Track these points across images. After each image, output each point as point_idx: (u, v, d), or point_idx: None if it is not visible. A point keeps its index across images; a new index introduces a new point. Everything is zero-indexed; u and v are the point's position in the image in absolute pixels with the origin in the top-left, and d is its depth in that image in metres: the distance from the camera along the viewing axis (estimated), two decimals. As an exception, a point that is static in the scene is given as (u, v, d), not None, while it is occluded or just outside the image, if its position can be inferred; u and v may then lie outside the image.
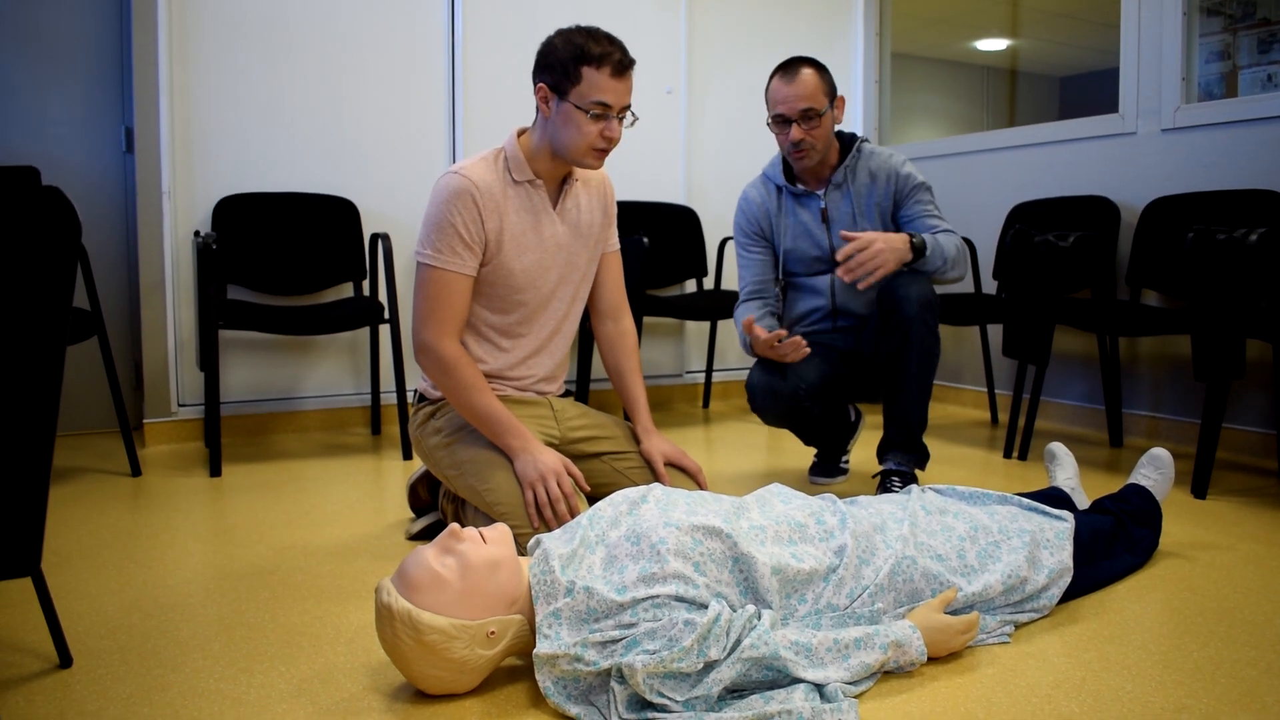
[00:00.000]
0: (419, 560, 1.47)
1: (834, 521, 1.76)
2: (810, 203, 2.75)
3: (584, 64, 2.08)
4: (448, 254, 2.13)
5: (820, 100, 2.61)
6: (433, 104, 3.95)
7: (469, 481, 2.16)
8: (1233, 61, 3.50)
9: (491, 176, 2.18)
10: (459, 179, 2.14)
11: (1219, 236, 2.65)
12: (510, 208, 2.19)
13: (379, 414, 3.79)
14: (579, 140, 2.13)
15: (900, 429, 2.56)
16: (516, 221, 2.20)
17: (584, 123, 2.11)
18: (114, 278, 3.69)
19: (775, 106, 2.67)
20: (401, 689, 1.54)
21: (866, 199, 2.71)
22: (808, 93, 2.61)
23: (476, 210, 2.14)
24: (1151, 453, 2.26)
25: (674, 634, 1.43)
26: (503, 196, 2.18)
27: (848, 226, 2.71)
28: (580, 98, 2.09)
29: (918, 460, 2.60)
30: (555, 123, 2.15)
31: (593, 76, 2.08)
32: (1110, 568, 2.01)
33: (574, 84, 2.09)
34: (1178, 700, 1.49)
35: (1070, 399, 3.92)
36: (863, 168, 2.73)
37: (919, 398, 2.55)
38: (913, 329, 2.48)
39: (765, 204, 2.81)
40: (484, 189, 2.15)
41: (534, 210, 2.23)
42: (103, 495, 2.80)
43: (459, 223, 2.13)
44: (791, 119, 2.62)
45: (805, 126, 2.62)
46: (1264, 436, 3.23)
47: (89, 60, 3.61)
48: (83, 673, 1.60)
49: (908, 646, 1.56)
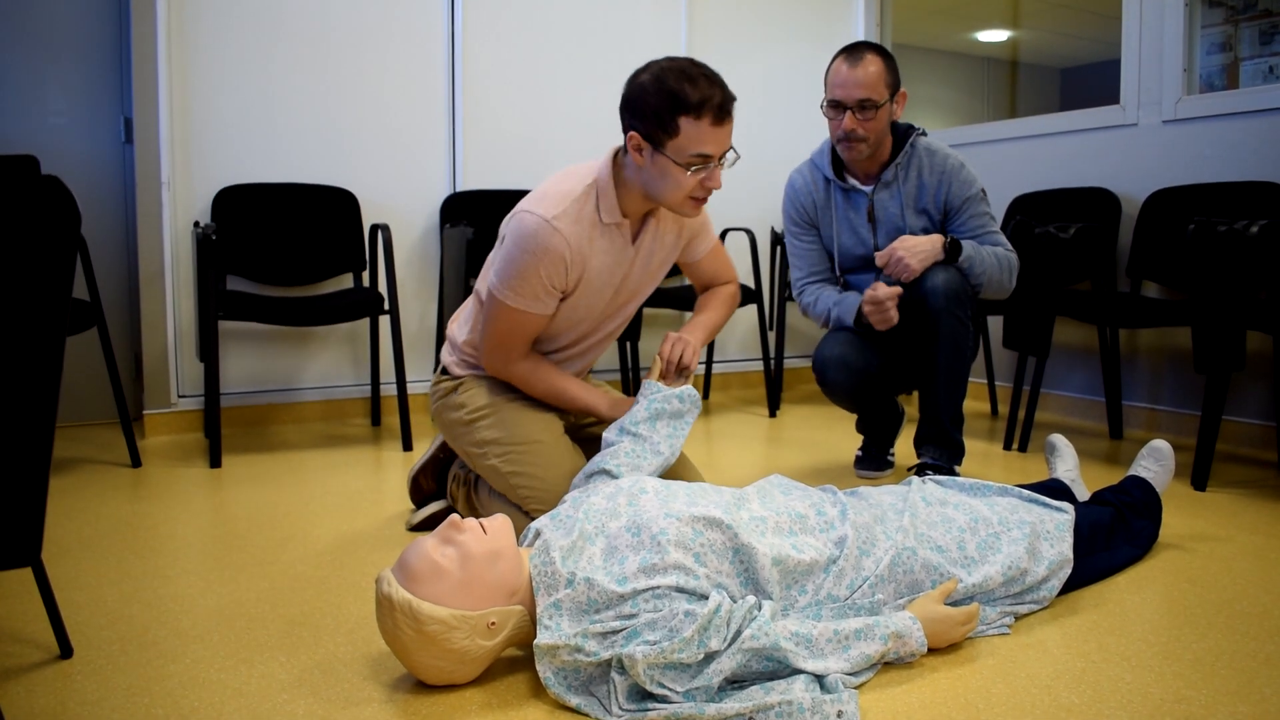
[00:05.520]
0: (419, 551, 1.48)
1: (834, 513, 1.76)
2: (857, 199, 2.67)
3: (681, 114, 1.88)
4: (529, 299, 2.03)
5: (881, 92, 2.51)
6: (433, 94, 3.94)
7: (491, 462, 2.15)
8: (1234, 53, 3.50)
9: (580, 227, 2.02)
10: (550, 232, 1.98)
11: (1220, 228, 2.65)
12: (595, 252, 2.07)
13: (379, 405, 3.79)
14: (677, 192, 1.97)
15: (931, 424, 2.55)
16: (598, 266, 2.09)
17: (684, 177, 1.94)
18: (113, 268, 3.69)
19: (833, 90, 2.54)
20: (402, 679, 1.54)
21: (916, 200, 2.63)
22: (869, 81, 2.49)
23: (564, 267, 2.02)
24: (1152, 444, 2.26)
25: (675, 625, 1.43)
26: (589, 245, 2.05)
27: (894, 227, 2.64)
28: (679, 152, 1.91)
29: (951, 455, 2.58)
30: (650, 173, 1.97)
31: (692, 129, 1.89)
32: (1110, 559, 2.01)
33: (670, 136, 1.90)
34: (1177, 691, 1.50)
35: (1070, 391, 3.92)
36: (915, 166, 2.63)
37: (949, 391, 2.52)
38: (940, 321, 2.46)
39: (811, 193, 2.74)
40: (576, 247, 2.01)
41: (615, 251, 2.11)
42: (103, 486, 2.80)
43: (544, 275, 2.01)
44: (847, 106, 2.51)
45: (860, 117, 2.52)
46: (1264, 429, 3.23)
47: (88, 50, 3.60)
48: (83, 663, 1.60)
49: (908, 637, 1.56)
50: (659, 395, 2.04)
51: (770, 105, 4.66)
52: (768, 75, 4.67)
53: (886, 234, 2.66)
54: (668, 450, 1.99)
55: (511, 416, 2.17)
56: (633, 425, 2.00)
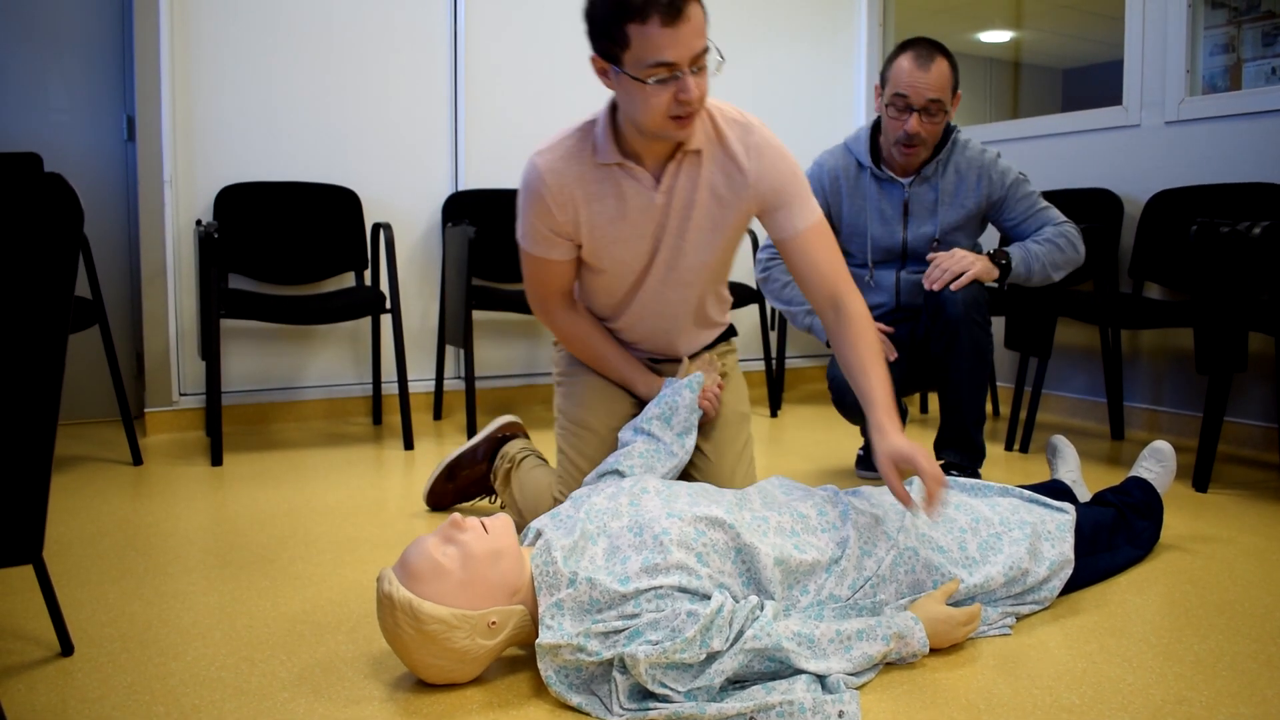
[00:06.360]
0: (421, 549, 1.47)
1: (836, 513, 1.76)
2: (893, 191, 2.66)
3: (627, 21, 1.67)
4: (532, 241, 1.99)
5: (948, 95, 2.50)
6: (435, 93, 3.94)
7: (556, 428, 2.20)
8: (1237, 54, 3.49)
9: (569, 162, 1.90)
10: (530, 169, 1.91)
11: (1222, 229, 2.65)
12: (592, 195, 1.92)
13: (380, 404, 3.79)
14: (650, 113, 1.74)
15: (954, 428, 2.55)
16: (601, 210, 1.93)
17: (650, 93, 1.72)
18: (115, 266, 3.69)
19: (901, 88, 2.49)
20: (403, 678, 1.54)
21: (953, 195, 2.64)
22: (940, 84, 2.46)
23: (547, 206, 1.91)
24: (1153, 445, 2.26)
25: (677, 624, 1.43)
26: (577, 186, 1.91)
27: (928, 221, 2.64)
28: (636, 65, 1.70)
29: (972, 458, 2.59)
30: (621, 97, 1.81)
31: (640, 35, 1.67)
32: (1111, 560, 2.01)
33: (623, 49, 1.70)
34: (1178, 693, 1.49)
35: (1072, 392, 3.92)
36: (953, 162, 2.64)
37: (971, 396, 2.53)
38: (960, 330, 2.46)
39: (838, 176, 2.70)
40: (555, 183, 1.89)
41: (622, 195, 1.92)
42: (104, 484, 2.80)
43: (534, 216, 1.94)
44: (916, 108, 2.48)
45: (926, 119, 2.50)
46: (1265, 430, 3.23)
47: (91, 47, 3.60)
48: (84, 660, 1.60)
49: (910, 638, 1.56)
50: (670, 389, 2.05)
51: (771, 105, 4.65)
52: (769, 75, 4.67)
53: (918, 228, 2.67)
54: (681, 452, 1.99)
55: (579, 392, 2.18)
56: (646, 424, 2.00)
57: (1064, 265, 2.61)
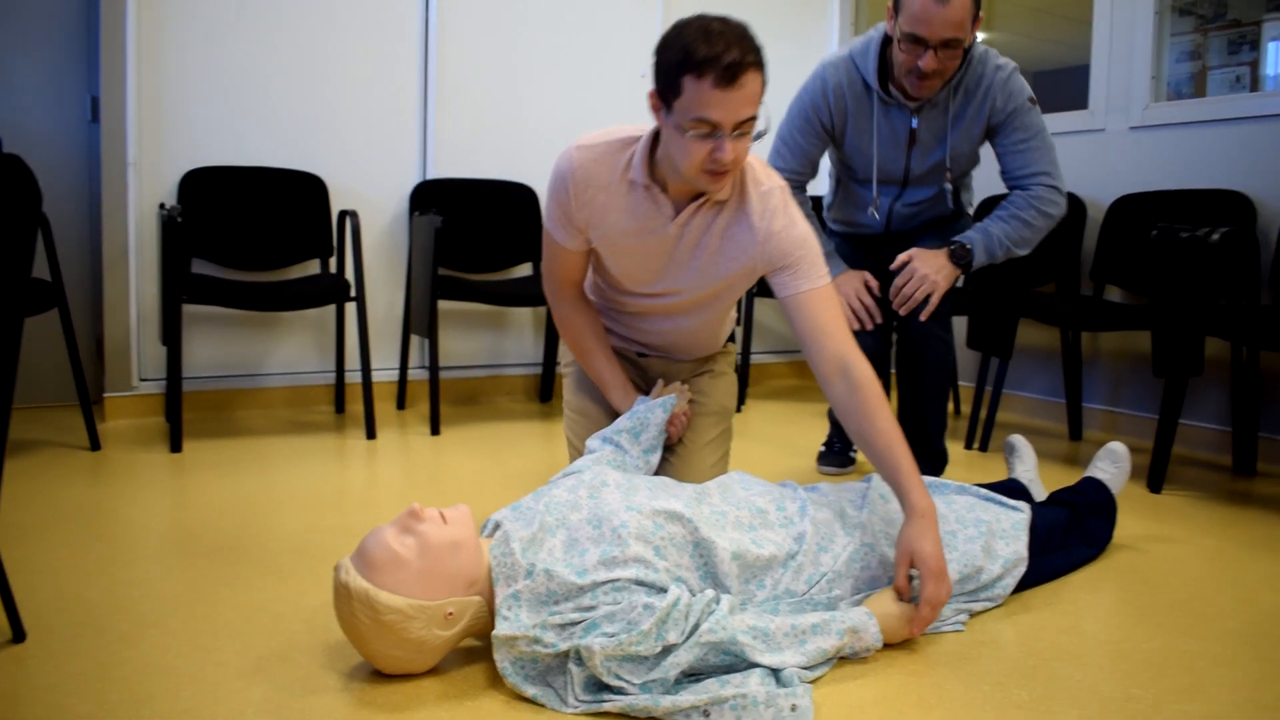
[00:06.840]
0: (378, 539, 1.47)
1: (794, 508, 1.77)
2: (898, 117, 2.51)
3: (685, 72, 1.69)
4: (555, 223, 2.01)
5: (967, 31, 2.28)
6: (405, 80, 3.92)
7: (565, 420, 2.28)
8: (1203, 61, 3.54)
9: (602, 167, 1.93)
10: (566, 156, 1.94)
11: (1182, 235, 2.69)
12: (612, 206, 1.94)
13: (343, 393, 3.76)
14: (686, 161, 1.76)
15: (919, 438, 2.55)
16: (616, 221, 1.95)
17: (689, 143, 1.73)
18: (76, 249, 3.64)
19: (914, 25, 2.27)
20: (359, 668, 1.54)
21: (959, 117, 2.48)
22: (958, 19, 2.24)
23: (569, 195, 1.94)
24: (1108, 446, 2.29)
25: (633, 617, 1.43)
26: (601, 191, 1.93)
27: (932, 150, 2.51)
28: (682, 114, 1.71)
29: (935, 465, 2.62)
30: (664, 135, 1.82)
31: (693, 89, 1.68)
32: (1065, 559, 2.04)
33: (675, 96, 1.72)
34: (1126, 690, 1.52)
35: (1032, 392, 3.96)
36: (964, 84, 2.46)
37: (934, 408, 2.56)
38: (926, 344, 2.48)
39: (844, 94, 2.52)
40: (582, 179, 1.93)
41: (644, 217, 1.94)
42: (61, 469, 2.77)
43: (557, 202, 1.97)
44: (931, 45, 2.27)
45: (942, 55, 2.29)
46: (1220, 433, 3.28)
47: (55, 27, 3.54)
48: (37, 647, 1.59)
49: (864, 633, 1.58)
50: (644, 405, 2.07)
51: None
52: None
53: (923, 157, 2.55)
54: (645, 468, 2.02)
55: (583, 378, 2.24)
56: (615, 435, 2.02)
57: (1032, 239, 2.50)
